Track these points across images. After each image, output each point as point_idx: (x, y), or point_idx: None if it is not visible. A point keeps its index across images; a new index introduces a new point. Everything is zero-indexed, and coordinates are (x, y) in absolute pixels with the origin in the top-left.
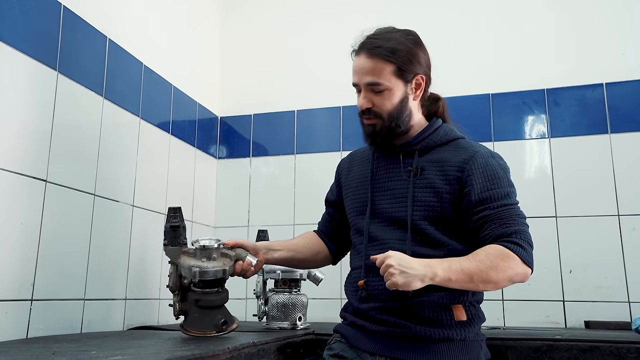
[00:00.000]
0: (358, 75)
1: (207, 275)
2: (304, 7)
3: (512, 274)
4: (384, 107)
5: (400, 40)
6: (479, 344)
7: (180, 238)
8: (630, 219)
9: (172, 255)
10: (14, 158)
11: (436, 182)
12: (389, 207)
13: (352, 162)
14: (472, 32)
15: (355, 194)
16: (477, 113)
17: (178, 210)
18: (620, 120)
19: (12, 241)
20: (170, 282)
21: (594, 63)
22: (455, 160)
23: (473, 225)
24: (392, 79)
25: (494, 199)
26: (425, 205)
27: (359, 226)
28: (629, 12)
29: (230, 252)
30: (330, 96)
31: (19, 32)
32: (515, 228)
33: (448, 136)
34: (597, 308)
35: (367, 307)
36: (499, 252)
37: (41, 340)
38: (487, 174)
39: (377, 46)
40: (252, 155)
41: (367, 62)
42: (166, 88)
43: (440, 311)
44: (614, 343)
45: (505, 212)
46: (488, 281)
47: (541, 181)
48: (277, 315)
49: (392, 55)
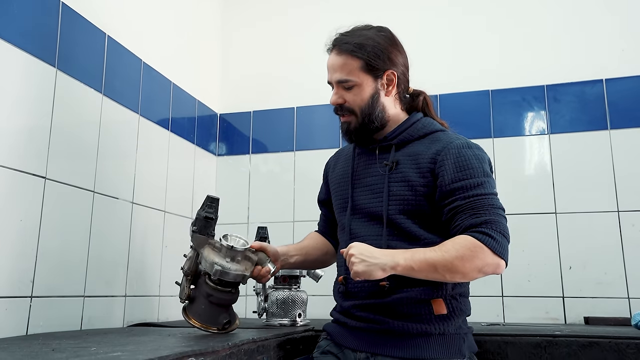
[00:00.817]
0: (330, 72)
1: (228, 276)
2: (303, 3)
3: (481, 265)
4: (354, 103)
5: (369, 36)
6: (461, 337)
7: (210, 229)
8: (629, 215)
9: (198, 243)
10: (13, 155)
11: (410, 176)
12: (367, 202)
13: (338, 159)
14: (471, 29)
15: (338, 190)
16: (476, 109)
17: (216, 201)
18: (619, 116)
19: (12, 238)
20: (186, 267)
21: (594, 59)
22: (429, 152)
23: (445, 216)
24: (361, 74)
25: (466, 189)
26: (401, 199)
27: (343, 222)
28: (628, 7)
29: (253, 256)
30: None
31: (18, 29)
32: (486, 218)
33: (426, 129)
34: (597, 304)
35: (349, 305)
36: (466, 242)
37: (41, 337)
38: (460, 164)
39: (346, 42)
40: (252, 152)
41: (337, 58)
42: (165, 85)
43: (419, 306)
44: (613, 339)
45: (477, 202)
46: (454, 271)
47: (541, 177)
48: (276, 312)
49: (359, 50)
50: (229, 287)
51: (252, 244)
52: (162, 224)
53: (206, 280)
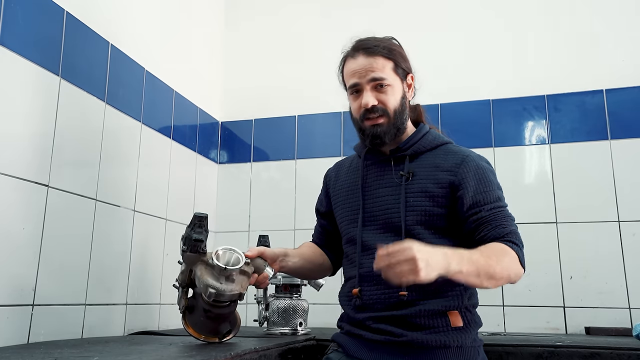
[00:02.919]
0: (359, 74)
1: (223, 297)
2: (304, 12)
3: (512, 273)
4: (389, 103)
5: (391, 42)
6: (476, 349)
7: (200, 246)
8: (630, 225)
9: (190, 262)
10: (16, 163)
11: (428, 187)
12: (381, 213)
13: (339, 171)
14: (472, 39)
15: (346, 202)
16: (477, 119)
17: (204, 219)
18: (620, 126)
19: (14, 246)
20: (180, 279)
21: (594, 69)
22: (447, 164)
23: (468, 227)
24: (392, 74)
25: (488, 202)
26: (418, 210)
27: (351, 235)
28: (628, 18)
29: (248, 269)
30: (331, 101)
31: (22, 38)
32: (511, 229)
33: (437, 141)
34: (598, 314)
35: (363, 317)
36: (505, 250)
37: (42, 346)
38: (479, 177)
39: (374, 45)
40: (253, 160)
41: (368, 60)
42: (167, 93)
43: (435, 318)
44: (614, 349)
45: (499, 213)
46: (493, 277)
47: (541, 187)
48: (277, 321)
49: (389, 52)
50: (225, 303)
51: (249, 251)
52: (164, 232)
53: (202, 296)
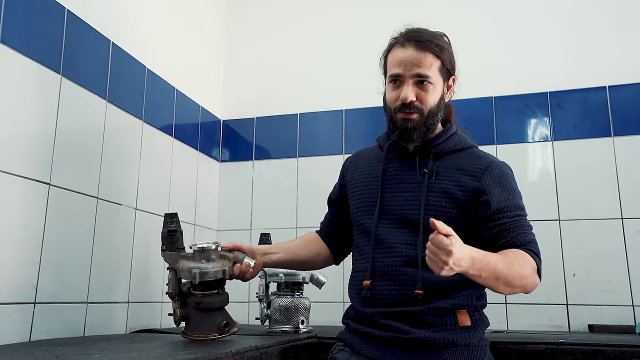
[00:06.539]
0: (405, 65)
1: (208, 275)
2: (306, 11)
3: (529, 282)
4: (426, 102)
5: (444, 40)
6: (482, 349)
7: (177, 243)
8: (633, 222)
9: (171, 260)
10: (17, 161)
11: (450, 189)
12: (399, 208)
13: (358, 161)
14: (474, 36)
15: (363, 192)
16: (480, 116)
17: (174, 215)
18: (623, 123)
19: (16, 244)
20: (170, 289)
21: (597, 66)
22: (471, 169)
23: (489, 232)
24: (437, 74)
25: (511, 209)
26: (438, 210)
27: (366, 226)
28: (631, 14)
29: (228, 254)
30: (333, 99)
31: (23, 36)
32: (532, 238)
33: (462, 144)
34: (601, 311)
35: (371, 312)
36: (525, 259)
37: (44, 344)
38: (503, 184)
39: (428, 40)
40: (255, 159)
41: (417, 54)
42: (169, 91)
43: (444, 316)
44: (618, 347)
45: (521, 221)
46: (510, 284)
47: (544, 184)
48: (279, 319)
49: (440, 51)
50: (214, 288)
51: (225, 244)
52: None
53: (192, 292)
